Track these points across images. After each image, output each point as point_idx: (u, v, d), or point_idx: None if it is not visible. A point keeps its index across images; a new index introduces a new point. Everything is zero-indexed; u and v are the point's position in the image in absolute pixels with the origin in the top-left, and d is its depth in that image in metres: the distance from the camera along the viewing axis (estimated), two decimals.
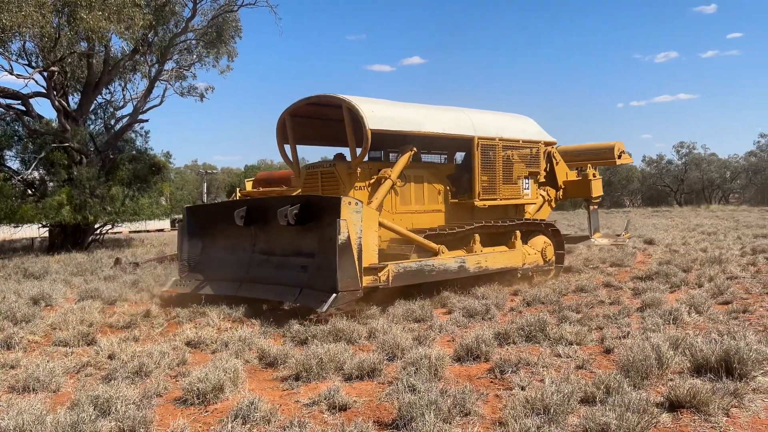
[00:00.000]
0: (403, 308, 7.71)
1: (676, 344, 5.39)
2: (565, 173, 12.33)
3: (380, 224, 8.23)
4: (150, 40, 20.27)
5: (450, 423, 4.04)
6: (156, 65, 21.27)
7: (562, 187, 12.26)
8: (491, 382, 5.05)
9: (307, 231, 8.04)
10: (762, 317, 6.96)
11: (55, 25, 16.00)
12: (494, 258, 9.62)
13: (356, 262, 7.36)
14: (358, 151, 9.03)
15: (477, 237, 9.54)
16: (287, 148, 10.05)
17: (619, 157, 12.96)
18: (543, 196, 11.81)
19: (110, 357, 5.95)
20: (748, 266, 11.06)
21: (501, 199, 10.38)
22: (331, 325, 6.73)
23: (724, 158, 61.02)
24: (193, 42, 22.17)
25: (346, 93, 9.21)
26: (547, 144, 11.45)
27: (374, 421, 4.18)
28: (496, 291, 8.90)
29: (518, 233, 10.16)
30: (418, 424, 3.91)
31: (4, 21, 14.18)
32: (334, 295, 7.08)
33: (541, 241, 10.71)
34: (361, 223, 7.51)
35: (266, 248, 8.78)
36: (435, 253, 8.88)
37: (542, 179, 11.45)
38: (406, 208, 9.65)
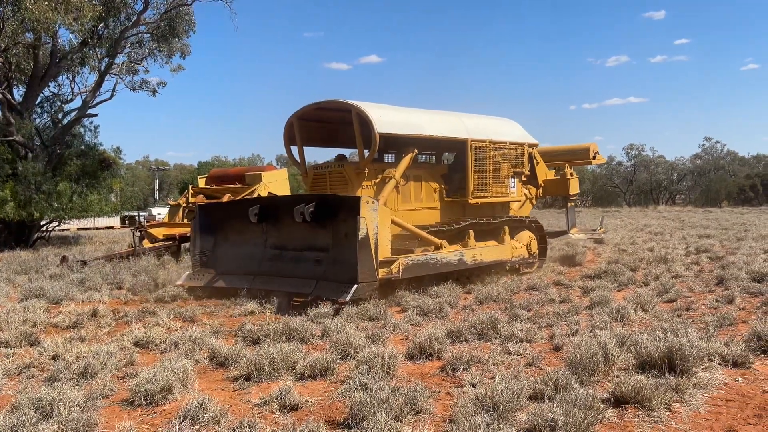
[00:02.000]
0: (356, 307, 7.71)
1: (623, 341, 5.52)
2: (544, 173, 13.17)
3: (392, 221, 8.84)
4: (100, 32, 19.75)
5: (401, 421, 4.06)
6: (106, 58, 20.75)
7: (542, 185, 13.09)
8: (443, 380, 5.09)
9: (320, 227, 8.64)
10: (704, 315, 7.20)
11: None
12: (488, 252, 10.34)
13: (373, 255, 7.97)
14: (366, 153, 9.70)
15: (472, 232, 10.23)
16: (294, 149, 10.72)
17: (594, 157, 13.85)
18: (526, 194, 12.59)
19: (54, 358, 5.77)
20: (692, 265, 11.44)
21: (491, 197, 11.18)
22: (284, 324, 6.68)
23: (671, 160, 63.11)
24: (146, 36, 21.69)
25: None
26: (530, 146, 12.28)
27: (326, 421, 4.16)
28: (449, 289, 8.97)
29: (507, 229, 10.93)
30: (369, 423, 3.90)
31: None
32: (356, 285, 7.69)
33: (526, 236, 11.49)
34: (377, 220, 8.13)
35: (278, 243, 9.42)
36: (437, 248, 9.52)
37: (525, 178, 12.24)
38: (407, 205, 10.34)
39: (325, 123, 11.20)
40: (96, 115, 22.82)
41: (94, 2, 16.93)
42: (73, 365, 5.34)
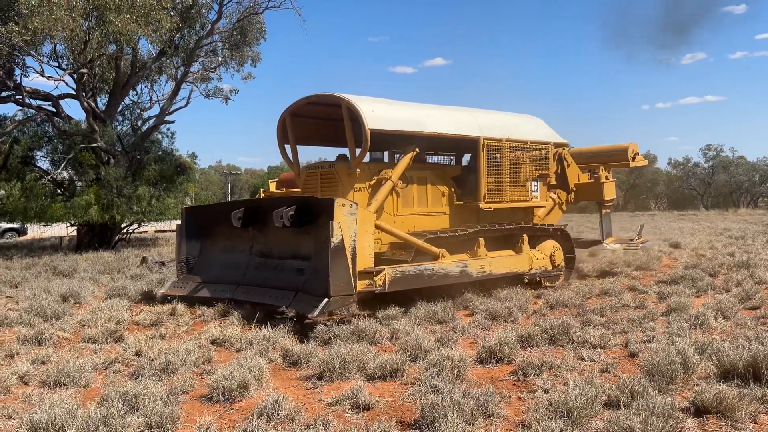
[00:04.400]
0: (425, 310, 7.73)
1: (703, 349, 5.33)
2: (576, 175, 12.00)
3: (377, 227, 8.02)
4: (176, 42, 20.53)
5: (472, 424, 4.06)
6: (182, 67, 21.54)
7: (574, 189, 11.94)
8: (514, 384, 5.05)
9: (303, 233, 7.85)
10: None
11: (84, 28, 16.27)
12: (499, 262, 9.34)
13: (350, 266, 7.09)
14: (358, 152, 8.78)
15: (481, 241, 9.29)
16: (288, 148, 9.84)
17: (633, 159, 12.46)
18: (553, 199, 11.50)
19: (137, 354, 6.06)
20: None
21: (508, 202, 10.03)
22: (354, 326, 6.77)
23: (752, 161, 59.97)
24: (219, 44, 22.41)
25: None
26: (557, 145, 11.14)
27: (397, 421, 4.21)
28: (519, 293, 8.87)
29: (525, 237, 9.92)
30: (440, 425, 3.92)
31: (35, 24, 14.48)
32: (326, 300, 6.84)
33: (549, 245, 10.43)
34: (356, 226, 7.25)
35: (264, 250, 8.63)
36: (435, 257, 8.58)
37: (553, 182, 11.19)
38: (408, 210, 9.39)
39: (321, 119, 10.22)
40: (173, 122, 23.82)
41: (171, 14, 17.66)
42: (155, 361, 5.60)
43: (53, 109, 19.42)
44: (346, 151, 9.18)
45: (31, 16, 14.54)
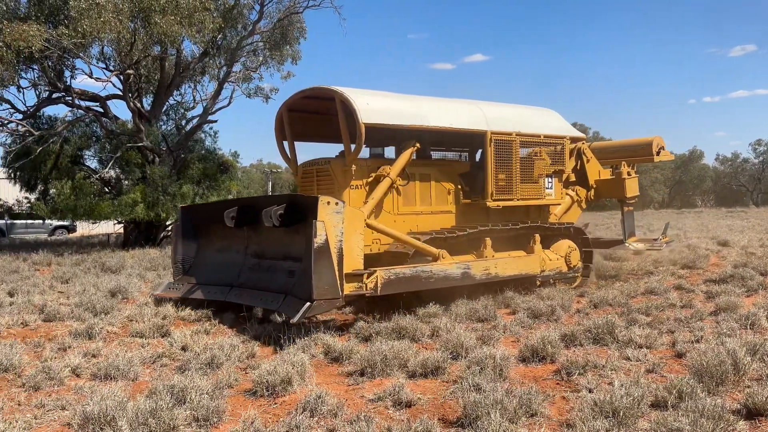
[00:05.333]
0: (466, 308, 7.70)
1: (754, 350, 5.18)
2: (597, 172, 11.40)
3: (369, 226, 7.69)
4: (219, 43, 20.87)
5: (516, 423, 4.03)
6: (224, 67, 21.89)
7: (594, 186, 11.33)
8: (557, 383, 4.99)
9: (294, 233, 7.46)
10: None
11: (131, 30, 16.69)
12: (506, 264, 8.78)
13: (336, 267, 6.68)
14: (356, 148, 8.30)
15: (488, 241, 8.82)
16: (286, 145, 9.43)
17: (658, 153, 11.78)
18: (571, 197, 10.95)
19: (183, 349, 6.19)
20: None
21: (518, 200, 9.47)
22: (395, 323, 6.79)
23: None
24: (260, 44, 22.70)
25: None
26: (573, 140, 10.57)
27: (439, 419, 4.21)
28: (561, 292, 8.75)
29: (537, 237, 9.40)
30: (483, 423, 3.91)
31: (85, 27, 14.91)
32: (308, 304, 6.45)
33: (565, 245, 9.90)
34: (342, 225, 6.85)
35: (258, 251, 8.24)
36: (435, 258, 8.14)
37: (572, 178, 10.78)
38: (409, 209, 8.93)
39: (319, 114, 9.65)
40: (215, 121, 24.23)
41: (214, 15, 17.96)
42: (201, 356, 5.72)
43: (101, 110, 19.96)
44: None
45: (81, 19, 14.97)
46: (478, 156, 10.48)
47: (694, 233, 19.12)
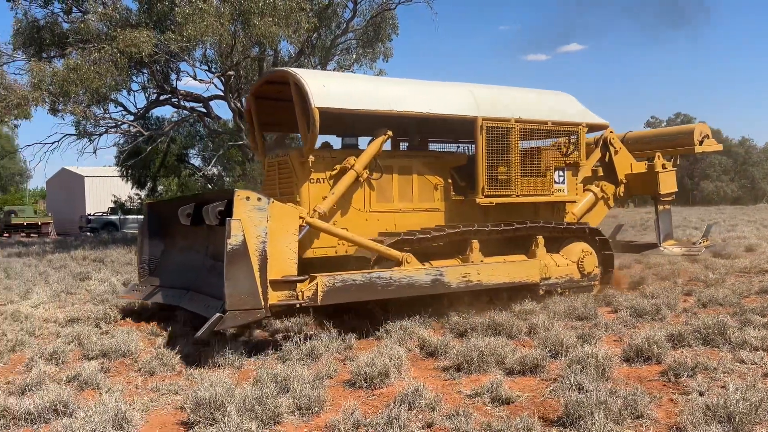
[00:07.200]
0: (564, 305, 7.51)
1: None
2: (628, 164, 10.00)
3: (312, 225, 6.76)
4: (313, 42, 21.40)
5: (620, 424, 3.91)
6: (319, 66, 22.41)
7: (624, 181, 9.91)
8: (664, 385, 4.78)
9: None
10: None
11: (231, 32, 17.41)
12: (494, 270, 7.58)
13: (257, 273, 5.83)
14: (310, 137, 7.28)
15: (474, 243, 7.71)
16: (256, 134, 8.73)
17: (701, 143, 10.34)
18: (595, 193, 9.57)
19: (284, 339, 6.41)
20: None
21: (518, 196, 8.19)
22: (490, 319, 6.72)
23: None
24: (353, 42, 23.07)
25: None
26: (592, 127, 9.14)
27: (539, 417, 4.14)
28: (667, 290, 8.36)
29: (540, 239, 8.21)
30: (586, 423, 3.81)
31: (189, 31, 15.69)
32: (218, 315, 5.68)
33: (578, 249, 8.55)
34: (266, 224, 5.97)
35: (216, 252, 7.22)
36: (398, 263, 7.09)
37: (600, 173, 9.66)
38: (385, 206, 7.84)
39: (285, 102, 8.23)
40: None
41: (309, 15, 18.42)
42: (301, 347, 5.90)
43: (204, 110, 20.98)
44: (329, 139, 8.22)
45: (186, 23, 15.77)
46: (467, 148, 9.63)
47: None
